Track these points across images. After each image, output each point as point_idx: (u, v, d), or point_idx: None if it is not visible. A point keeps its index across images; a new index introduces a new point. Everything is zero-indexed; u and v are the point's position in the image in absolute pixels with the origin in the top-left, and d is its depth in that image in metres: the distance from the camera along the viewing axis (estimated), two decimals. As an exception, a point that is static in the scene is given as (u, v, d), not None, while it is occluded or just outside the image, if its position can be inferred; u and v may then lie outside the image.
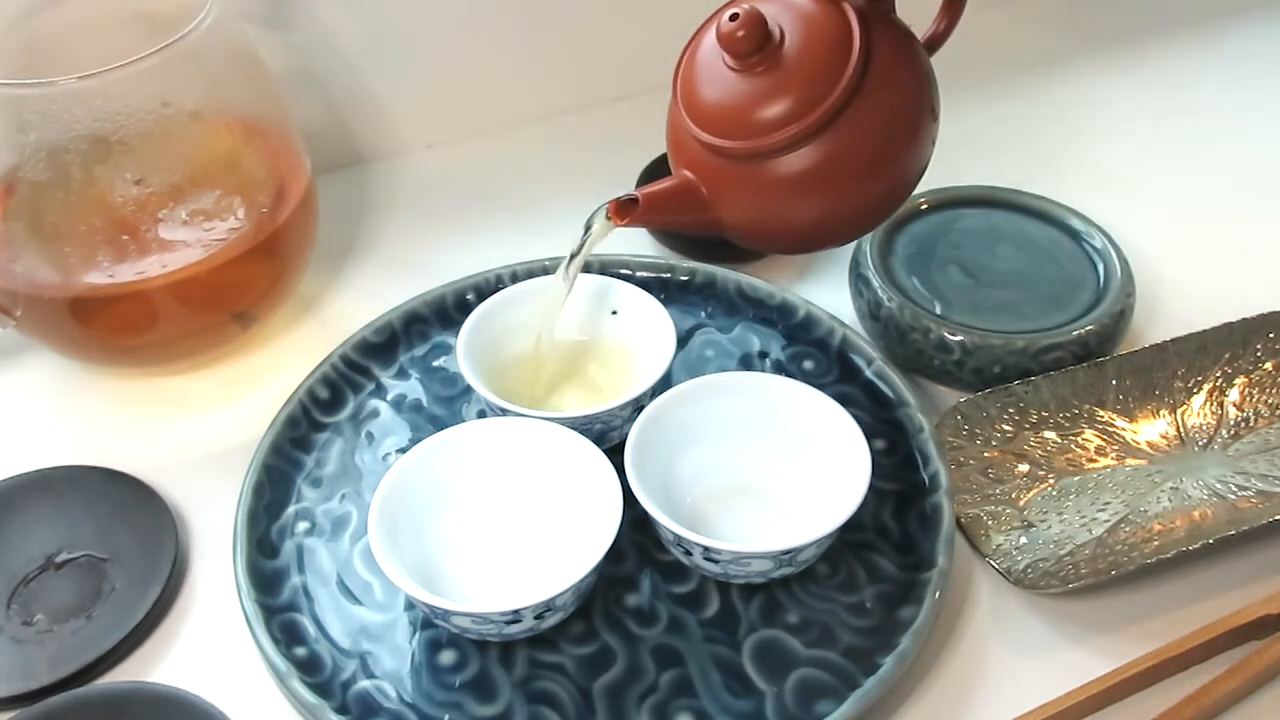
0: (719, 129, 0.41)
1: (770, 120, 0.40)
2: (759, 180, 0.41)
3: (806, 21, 0.41)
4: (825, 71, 0.40)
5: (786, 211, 0.42)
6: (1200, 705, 0.41)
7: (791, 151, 0.40)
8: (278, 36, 0.65)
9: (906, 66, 0.42)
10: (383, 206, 0.68)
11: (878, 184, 0.42)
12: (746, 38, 0.40)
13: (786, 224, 0.43)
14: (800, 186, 0.41)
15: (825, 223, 0.43)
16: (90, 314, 0.52)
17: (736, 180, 0.42)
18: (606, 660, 0.43)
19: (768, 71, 0.40)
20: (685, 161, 0.43)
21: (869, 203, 0.43)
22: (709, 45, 0.42)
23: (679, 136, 0.43)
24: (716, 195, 0.42)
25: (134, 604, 0.46)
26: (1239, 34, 0.81)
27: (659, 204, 0.43)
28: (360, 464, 0.51)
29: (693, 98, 0.42)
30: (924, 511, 0.47)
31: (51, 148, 0.49)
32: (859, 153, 0.41)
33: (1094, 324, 0.52)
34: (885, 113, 0.41)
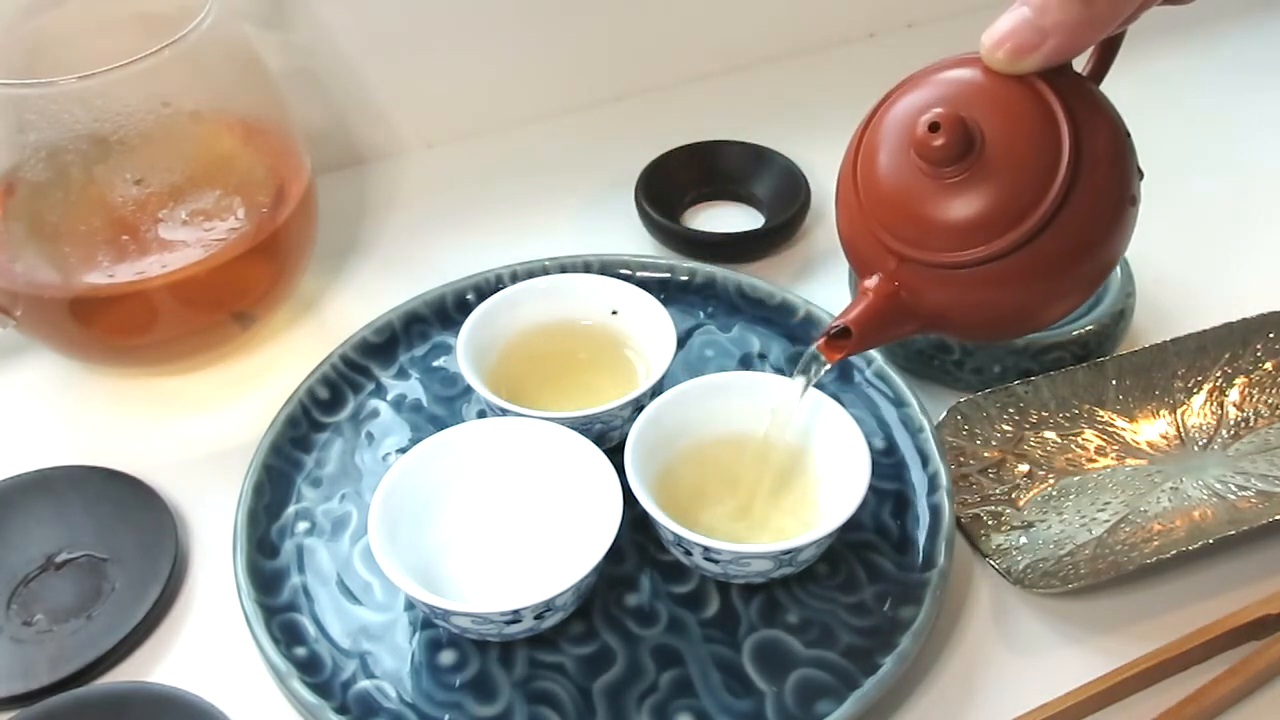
0: (920, 240, 0.37)
1: (985, 229, 0.36)
2: (974, 285, 0.37)
3: (1005, 112, 0.36)
4: (1039, 164, 0.36)
5: (1003, 309, 0.39)
6: (1200, 705, 0.41)
7: (1009, 256, 0.36)
8: (278, 36, 0.65)
9: (1110, 130, 0.38)
10: (383, 206, 0.68)
11: (1101, 261, 0.38)
12: (948, 145, 0.35)
13: (1002, 319, 0.39)
14: (1019, 285, 0.37)
15: (1043, 310, 0.39)
16: (90, 314, 0.52)
17: (943, 286, 0.38)
18: (606, 660, 0.43)
19: (974, 176, 0.36)
20: (879, 269, 0.38)
21: (1091, 280, 0.39)
22: (892, 144, 0.38)
23: (868, 244, 0.39)
24: (925, 303, 0.38)
25: (134, 604, 0.46)
26: (1239, 34, 0.81)
27: (871, 327, 0.39)
28: (360, 464, 0.51)
29: (885, 209, 0.38)
30: (924, 511, 0.47)
31: (51, 148, 0.48)
32: (1080, 241, 0.37)
33: (1094, 324, 0.52)
34: (1101, 195, 0.37)
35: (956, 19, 0.84)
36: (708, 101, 0.75)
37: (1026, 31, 0.35)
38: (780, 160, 0.65)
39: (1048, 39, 0.35)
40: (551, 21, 0.71)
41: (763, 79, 0.77)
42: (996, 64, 0.36)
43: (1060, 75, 0.37)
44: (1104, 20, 0.35)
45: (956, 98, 0.37)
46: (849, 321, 0.39)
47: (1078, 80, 0.38)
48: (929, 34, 0.83)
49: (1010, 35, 0.35)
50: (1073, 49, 0.36)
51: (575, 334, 0.53)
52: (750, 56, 0.78)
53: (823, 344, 0.40)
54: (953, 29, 0.83)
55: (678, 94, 0.76)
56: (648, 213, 0.63)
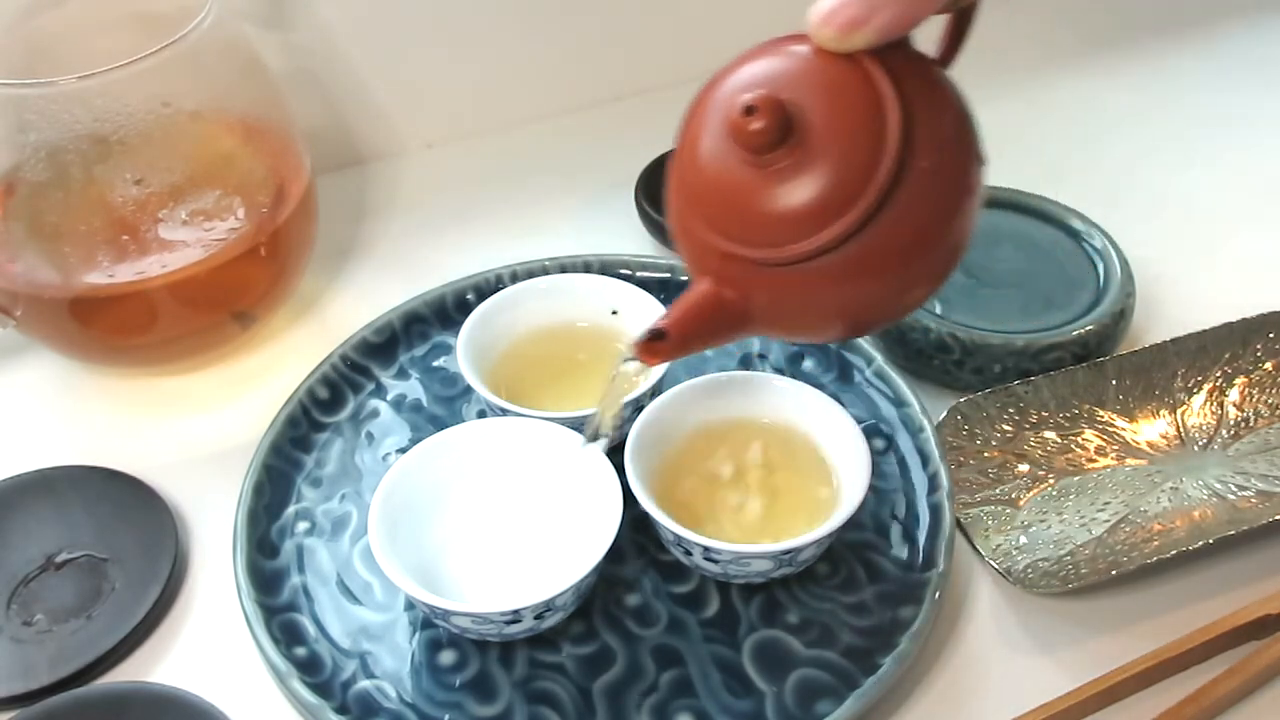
0: (745, 237, 0.34)
1: (808, 220, 0.33)
2: (803, 282, 0.34)
3: (829, 93, 0.33)
4: (863, 151, 0.33)
5: (838, 306, 0.36)
6: (1200, 705, 0.41)
7: (837, 250, 0.33)
8: (278, 36, 0.65)
9: (948, 114, 0.35)
10: (383, 206, 0.68)
11: (939, 252, 0.35)
12: (765, 130, 0.32)
13: (838, 317, 0.37)
14: (852, 280, 0.34)
15: (882, 306, 0.37)
16: (90, 314, 0.52)
17: (775, 286, 0.35)
18: (606, 660, 0.43)
19: (796, 164, 0.33)
20: (707, 270, 0.36)
21: (931, 273, 0.36)
22: (713, 130, 0.35)
23: (691, 240, 0.36)
24: (753, 303, 0.35)
25: (134, 604, 0.46)
26: (1239, 34, 0.81)
27: (691, 329, 0.36)
28: (360, 464, 0.51)
29: (706, 201, 0.35)
30: (924, 511, 0.47)
31: (51, 148, 0.49)
32: (915, 229, 0.34)
33: (1094, 324, 0.52)
34: (934, 183, 0.34)
35: (956, 19, 0.84)
36: (708, 101, 0.75)
37: (854, 6, 0.33)
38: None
39: (875, 14, 0.33)
40: (552, 22, 0.71)
41: (763, 79, 0.77)
42: (824, 41, 0.33)
43: (896, 54, 0.34)
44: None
45: (780, 78, 0.34)
46: (665, 325, 0.36)
47: (917, 60, 0.35)
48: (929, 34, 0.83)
49: (837, 10, 0.33)
50: (902, 24, 0.33)
51: (575, 334, 0.53)
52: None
53: (639, 346, 0.36)
54: (953, 29, 0.83)
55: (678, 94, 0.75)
56: (648, 213, 0.63)
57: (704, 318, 0.36)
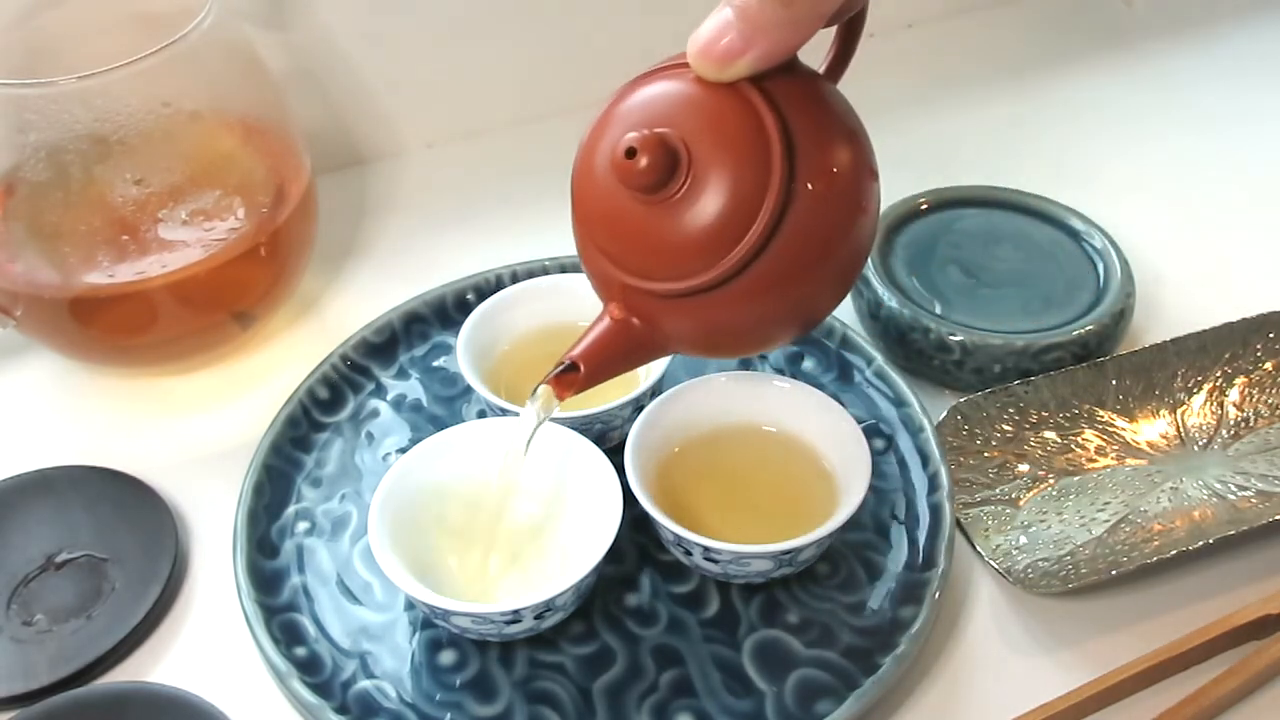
0: (643, 269, 0.35)
1: (701, 254, 0.34)
2: (704, 309, 0.35)
3: (712, 125, 0.34)
4: (750, 181, 0.33)
5: (744, 327, 0.37)
6: (1200, 705, 0.41)
7: (735, 278, 0.34)
8: (278, 36, 0.65)
9: (835, 134, 0.35)
10: (383, 206, 0.68)
11: (835, 268, 0.36)
12: (651, 169, 0.33)
13: (746, 336, 0.38)
14: (752, 304, 0.35)
15: (786, 323, 0.38)
16: (90, 314, 0.52)
17: (677, 312, 0.36)
18: (606, 660, 0.43)
19: (685, 198, 0.33)
20: (612, 298, 0.37)
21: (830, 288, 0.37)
22: (602, 167, 0.35)
23: (596, 273, 0.37)
24: (656, 327, 0.37)
25: (134, 604, 0.46)
26: (1239, 34, 0.81)
27: (600, 360, 0.37)
28: (360, 464, 0.51)
29: (601, 234, 0.36)
30: (924, 511, 0.47)
31: (51, 148, 0.49)
32: (809, 250, 0.35)
33: (1094, 324, 0.52)
34: (825, 199, 0.34)
35: (956, 19, 0.84)
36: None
37: (730, 37, 0.32)
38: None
39: (752, 44, 0.32)
40: (552, 22, 0.71)
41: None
42: (703, 72, 0.33)
43: (779, 77, 0.34)
44: (807, 20, 0.33)
45: (662, 113, 0.34)
46: (575, 357, 0.37)
47: (802, 80, 0.35)
48: (929, 34, 0.83)
49: (713, 41, 0.33)
50: (781, 52, 0.33)
51: (575, 334, 0.53)
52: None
53: (552, 381, 0.38)
54: (953, 29, 0.83)
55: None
56: (648, 213, 0.63)
57: (614, 347, 0.37)
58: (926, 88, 0.77)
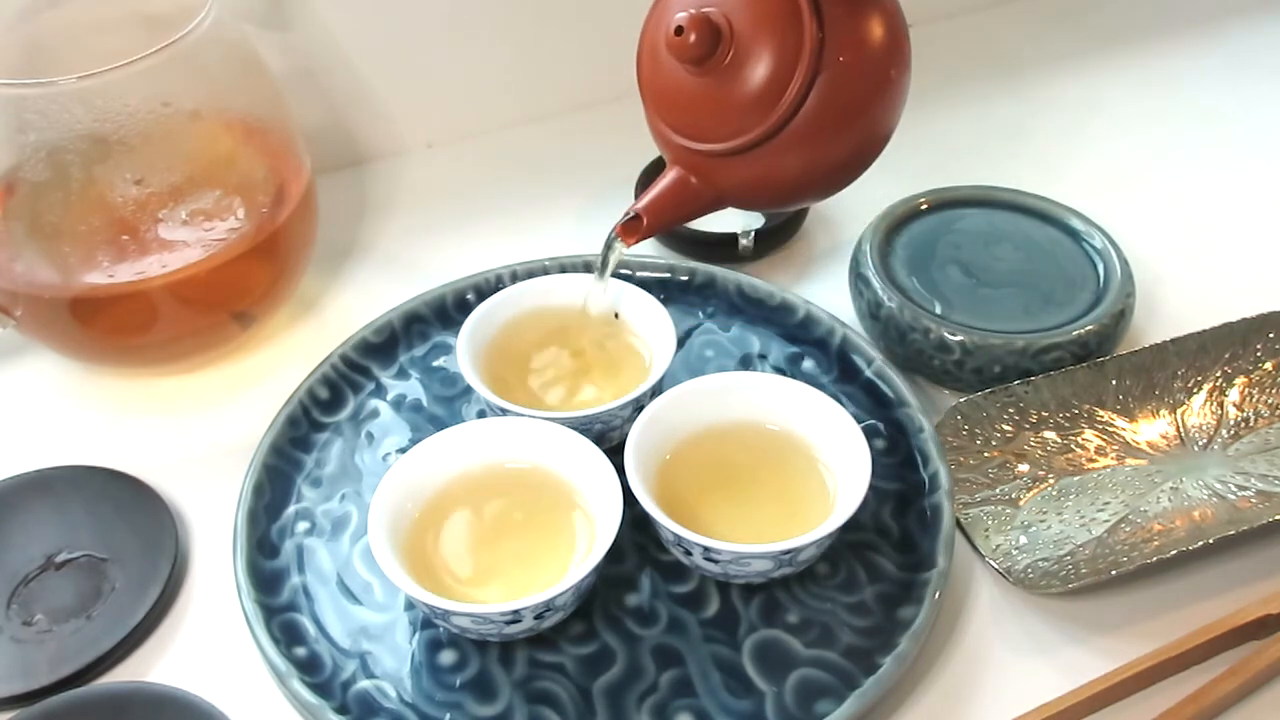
0: (696, 133, 0.42)
1: (744, 116, 0.41)
2: (748, 165, 0.42)
3: (749, 3, 0.40)
4: (785, 52, 0.39)
5: (784, 180, 0.43)
6: (1200, 705, 0.41)
7: (773, 138, 0.41)
8: (278, 36, 0.65)
9: (863, 8, 0.41)
10: (383, 206, 0.68)
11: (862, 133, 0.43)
12: (698, 43, 0.39)
13: (788, 188, 0.44)
14: (790, 159, 0.42)
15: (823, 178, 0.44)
16: (90, 314, 0.52)
17: (726, 169, 0.43)
18: (606, 660, 0.43)
19: (729, 68, 0.40)
20: (673, 158, 0.44)
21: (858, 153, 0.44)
22: (657, 45, 0.42)
23: (661, 138, 0.44)
24: (711, 183, 0.44)
25: (134, 604, 0.46)
26: (1239, 34, 0.81)
27: (662, 211, 0.44)
28: (360, 464, 0.51)
29: (662, 105, 0.43)
30: (924, 511, 0.47)
31: (51, 148, 0.49)
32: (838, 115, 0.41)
33: (1094, 324, 0.52)
34: (852, 70, 0.40)
35: (956, 19, 0.84)
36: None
37: None
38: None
39: None
40: (552, 21, 0.71)
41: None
42: None
43: None
44: None
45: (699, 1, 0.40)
46: (640, 209, 0.44)
47: None
48: (929, 34, 0.83)
49: None
50: None
51: (575, 334, 0.53)
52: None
53: (619, 229, 0.45)
54: (953, 29, 0.83)
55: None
56: (648, 213, 0.63)
57: (673, 201, 0.44)
58: (926, 88, 0.76)
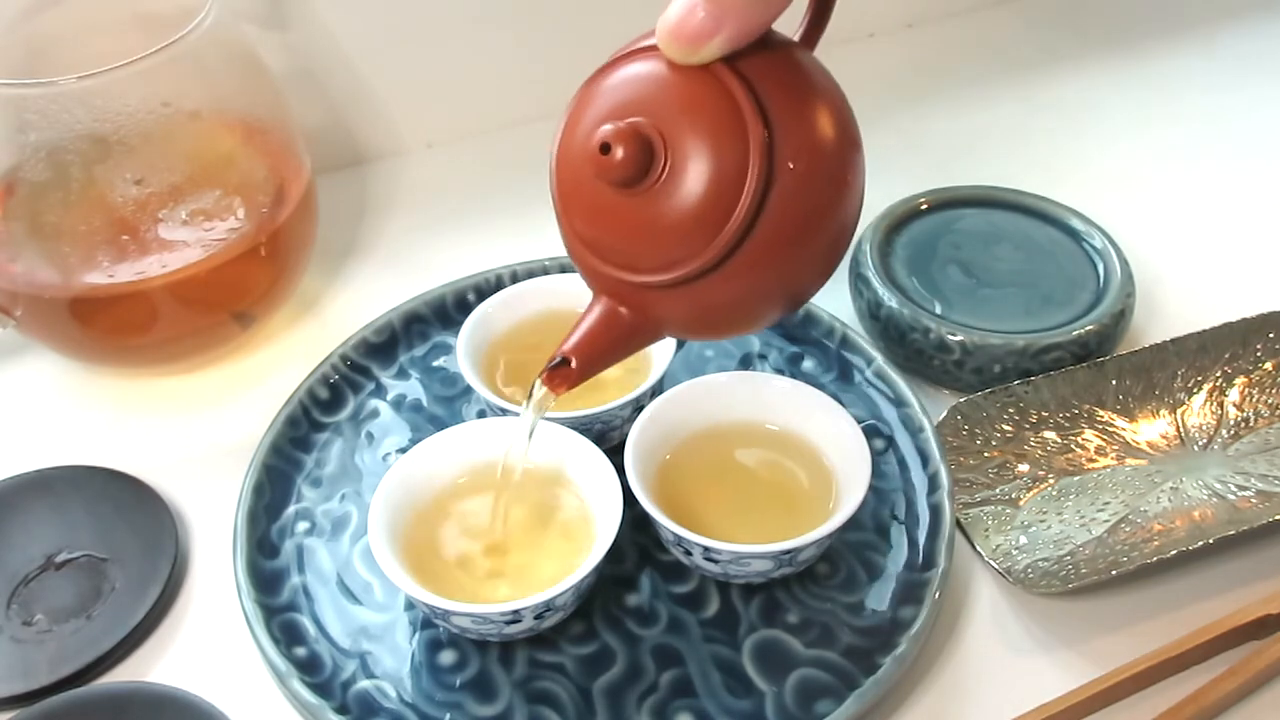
0: (626, 262, 0.34)
1: (684, 243, 0.33)
2: (691, 296, 0.34)
3: (686, 111, 0.33)
4: (729, 166, 0.32)
5: (732, 310, 0.36)
6: (1200, 705, 0.41)
7: (720, 265, 0.33)
8: (278, 36, 0.65)
9: (813, 109, 0.34)
10: (383, 206, 0.68)
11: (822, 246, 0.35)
12: (628, 162, 0.32)
13: (736, 318, 0.37)
14: (739, 287, 0.34)
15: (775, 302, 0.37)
16: (90, 314, 0.52)
17: (665, 301, 0.35)
18: (606, 660, 0.43)
19: (665, 188, 0.33)
20: (599, 288, 0.37)
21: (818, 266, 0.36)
22: (578, 161, 0.35)
23: (583, 265, 0.36)
24: (647, 316, 0.36)
25: (134, 604, 0.46)
26: (1239, 34, 0.81)
27: (592, 352, 0.37)
28: (360, 464, 0.51)
29: (584, 228, 0.35)
30: (924, 511, 0.47)
31: (51, 148, 0.49)
32: (794, 230, 0.34)
33: (1094, 324, 0.52)
34: (808, 177, 0.33)
35: (956, 19, 0.84)
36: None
37: (700, 18, 0.31)
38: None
39: (722, 25, 0.31)
40: (551, 21, 0.71)
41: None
42: (675, 56, 0.32)
43: (754, 52, 0.33)
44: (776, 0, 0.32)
45: (634, 101, 0.33)
46: (567, 352, 0.36)
47: (777, 55, 0.34)
48: (929, 34, 0.83)
49: (683, 23, 0.32)
50: (752, 30, 0.32)
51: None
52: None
53: (545, 377, 0.37)
54: (952, 29, 0.83)
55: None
56: (648, 213, 0.63)
57: (605, 338, 0.36)
58: (926, 88, 0.77)
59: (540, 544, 0.45)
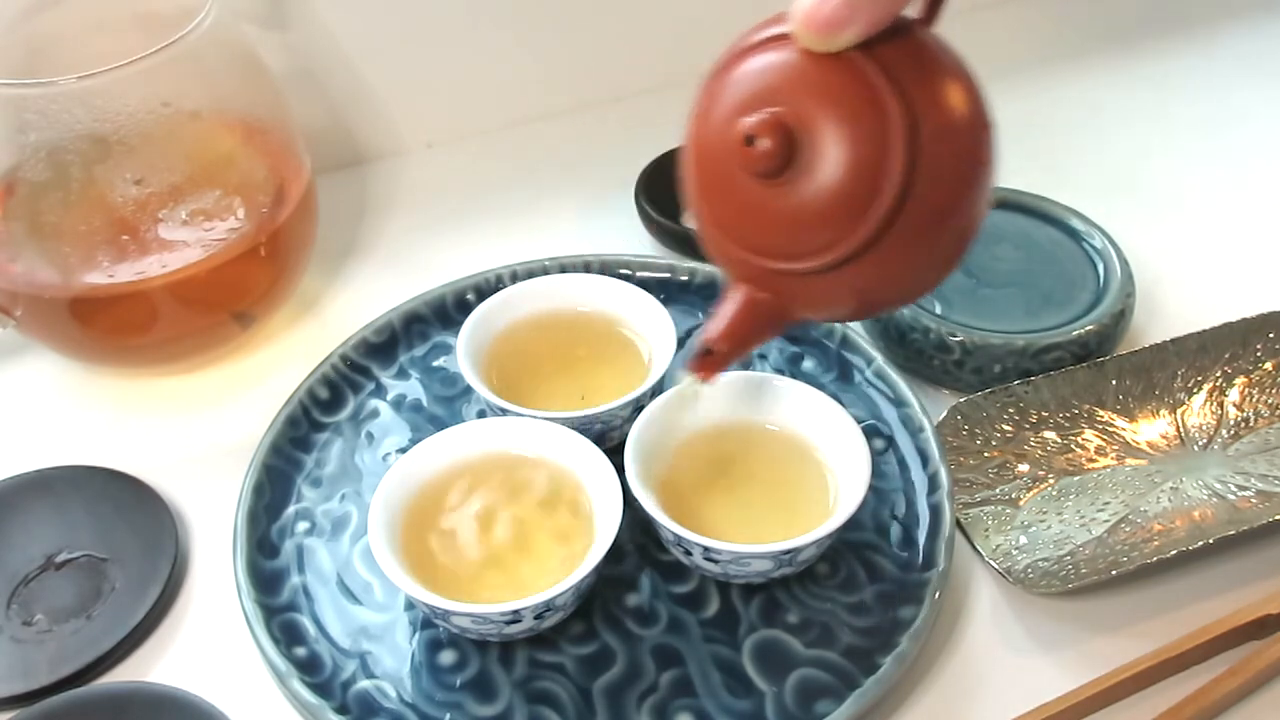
0: (770, 251, 0.35)
1: (828, 231, 0.33)
2: (833, 281, 0.35)
3: (825, 99, 0.33)
4: (871, 153, 0.32)
5: (874, 293, 0.36)
6: (1200, 705, 0.41)
7: (867, 251, 0.33)
8: (278, 36, 0.65)
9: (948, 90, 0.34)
10: (383, 206, 0.68)
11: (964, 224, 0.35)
12: (774, 153, 0.32)
13: (876, 300, 0.37)
14: (882, 271, 0.34)
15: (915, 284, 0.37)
16: (90, 314, 0.52)
17: (807, 286, 0.35)
18: (606, 660, 0.43)
19: (807, 177, 0.33)
20: (739, 277, 0.37)
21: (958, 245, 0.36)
22: (716, 149, 0.35)
23: (722, 254, 0.37)
24: (788, 299, 0.36)
25: (134, 604, 0.46)
26: (1239, 34, 0.81)
27: (736, 338, 0.37)
28: (360, 464, 0.51)
29: (725, 218, 0.35)
30: (924, 511, 0.47)
31: (51, 148, 0.49)
32: (937, 215, 0.34)
33: (1094, 324, 0.52)
34: (951, 161, 0.34)
35: (956, 19, 0.84)
36: (708, 101, 0.75)
37: (835, 7, 0.31)
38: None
39: (859, 11, 0.31)
40: (551, 21, 0.71)
41: (763, 79, 0.77)
42: (810, 44, 0.32)
43: (886, 37, 0.33)
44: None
45: (772, 90, 0.33)
46: (711, 341, 0.37)
47: (908, 37, 0.34)
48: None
49: (817, 11, 0.32)
50: (887, 16, 0.32)
51: (575, 334, 0.53)
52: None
53: (692, 365, 0.38)
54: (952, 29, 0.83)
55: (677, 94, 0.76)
56: (648, 213, 0.63)
57: (746, 324, 0.37)
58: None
59: (540, 544, 0.45)
